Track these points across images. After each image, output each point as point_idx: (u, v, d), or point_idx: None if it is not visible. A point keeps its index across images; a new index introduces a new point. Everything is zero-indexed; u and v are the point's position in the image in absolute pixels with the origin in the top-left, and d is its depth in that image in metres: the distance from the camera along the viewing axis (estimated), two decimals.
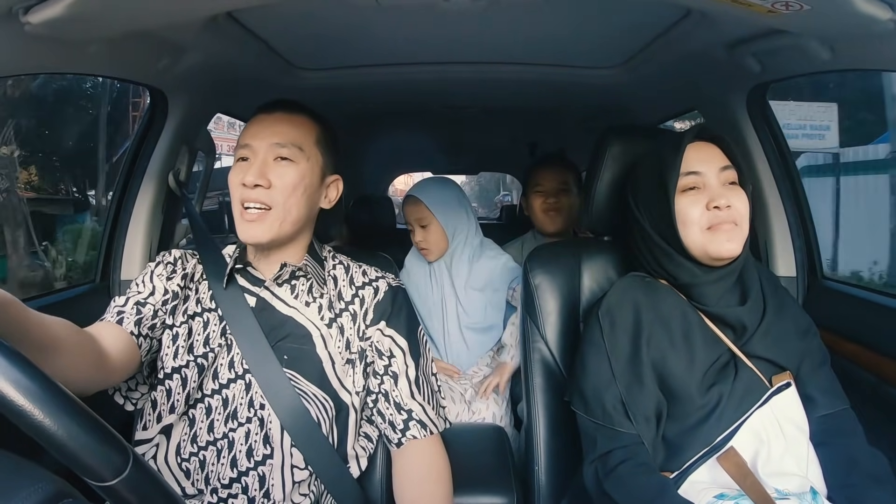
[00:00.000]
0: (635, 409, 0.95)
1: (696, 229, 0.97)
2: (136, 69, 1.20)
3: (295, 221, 1.00)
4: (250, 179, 0.95)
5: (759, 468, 0.91)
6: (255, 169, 0.96)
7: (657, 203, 1.01)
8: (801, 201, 1.45)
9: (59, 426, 0.42)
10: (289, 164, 0.98)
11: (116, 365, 0.89)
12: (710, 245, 0.97)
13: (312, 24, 1.25)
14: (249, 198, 0.96)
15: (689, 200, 0.98)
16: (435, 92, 1.92)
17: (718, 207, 0.96)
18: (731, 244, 0.96)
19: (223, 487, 0.94)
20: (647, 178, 1.04)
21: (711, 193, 0.98)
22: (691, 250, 0.99)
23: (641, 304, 1.01)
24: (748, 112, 1.42)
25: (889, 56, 0.96)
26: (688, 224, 0.98)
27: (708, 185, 0.99)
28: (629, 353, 0.98)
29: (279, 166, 0.98)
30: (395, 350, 1.03)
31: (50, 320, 0.76)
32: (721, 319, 1.00)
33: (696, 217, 0.97)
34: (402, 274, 1.84)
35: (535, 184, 2.01)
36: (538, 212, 1.99)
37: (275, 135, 0.99)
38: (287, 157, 0.98)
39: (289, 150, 0.98)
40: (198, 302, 1.02)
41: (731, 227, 0.97)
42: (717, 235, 0.96)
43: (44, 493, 0.42)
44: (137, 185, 1.43)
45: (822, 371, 1.02)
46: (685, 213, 0.98)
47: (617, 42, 1.40)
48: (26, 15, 0.81)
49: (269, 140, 0.98)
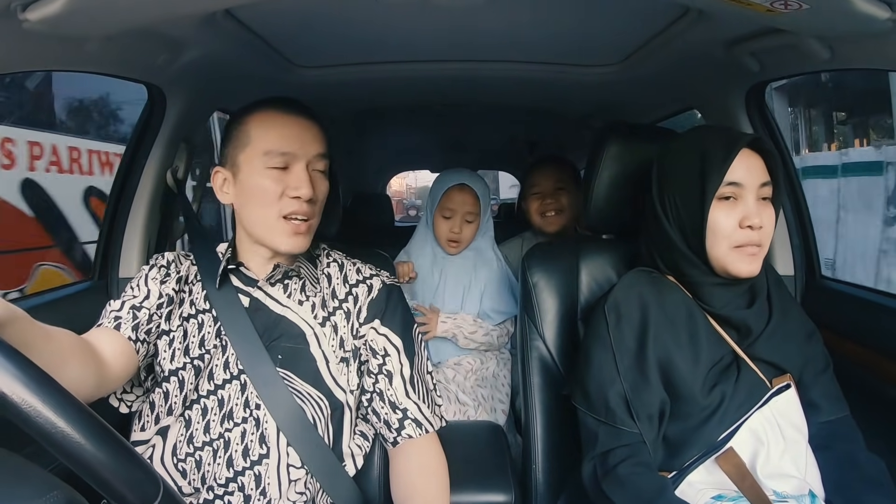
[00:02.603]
0: (639, 408, 0.94)
1: (725, 245, 0.94)
2: (134, 66, 1.20)
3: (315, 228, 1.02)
4: (306, 192, 0.95)
5: (757, 469, 0.91)
6: (308, 182, 0.96)
7: (689, 206, 0.96)
8: (799, 201, 1.45)
9: (95, 455, 0.44)
10: (322, 177, 1.00)
11: (116, 371, 0.90)
12: (732, 264, 0.94)
13: (311, 22, 1.25)
14: (299, 211, 0.96)
15: (725, 213, 0.94)
16: (432, 90, 1.91)
17: (752, 227, 0.93)
18: (751, 267, 0.95)
19: (219, 486, 0.94)
20: (683, 175, 0.98)
21: (747, 210, 0.93)
22: (711, 261, 0.96)
23: (648, 301, 0.99)
24: (746, 111, 1.42)
25: (888, 55, 0.96)
26: (718, 236, 0.94)
27: (745, 198, 0.94)
28: (635, 349, 0.97)
29: (315, 177, 0.99)
30: (389, 349, 1.03)
31: (55, 333, 0.76)
32: (726, 320, 0.99)
33: (728, 232, 0.94)
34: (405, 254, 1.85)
35: (531, 185, 2.00)
36: (535, 214, 1.97)
37: (316, 143, 0.99)
38: (323, 171, 1.00)
39: (324, 163, 1.00)
40: (192, 304, 1.02)
41: (755, 251, 0.94)
42: (741, 256, 0.94)
43: (55, 501, 0.42)
44: (135, 182, 1.43)
45: (825, 376, 1.01)
46: (717, 225, 0.94)
47: (615, 40, 1.40)
48: (24, 12, 0.81)
49: (312, 149, 0.98)
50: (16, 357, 0.45)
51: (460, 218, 1.75)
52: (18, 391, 0.43)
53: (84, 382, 0.81)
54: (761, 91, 1.41)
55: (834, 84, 8.69)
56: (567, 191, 1.95)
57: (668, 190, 1.00)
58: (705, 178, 0.93)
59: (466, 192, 1.75)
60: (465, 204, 1.74)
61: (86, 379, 0.81)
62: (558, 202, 1.94)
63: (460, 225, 1.75)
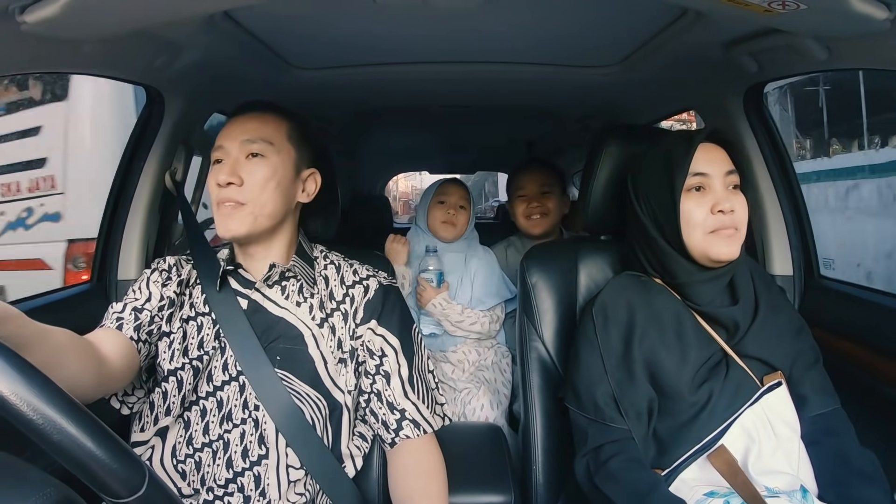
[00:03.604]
0: (626, 405, 0.97)
1: (700, 232, 0.99)
2: (133, 68, 1.20)
3: (270, 215, 1.01)
4: (223, 178, 0.97)
5: (749, 466, 0.93)
6: (227, 168, 0.99)
7: (662, 201, 1.01)
8: (797, 200, 1.45)
9: (79, 445, 0.44)
10: (260, 160, 1.00)
11: (117, 371, 0.90)
12: (711, 249, 0.98)
13: (309, 24, 1.25)
14: (224, 197, 0.98)
15: (695, 202, 0.99)
16: (432, 91, 1.92)
17: (723, 212, 0.98)
18: (730, 248, 0.98)
19: (219, 487, 0.94)
20: (653, 174, 1.04)
21: (716, 197, 0.99)
22: (691, 251, 1.00)
23: (635, 302, 1.02)
24: (745, 111, 1.42)
25: (885, 55, 0.96)
26: (691, 225, 0.99)
27: (713, 187, 1.00)
28: (621, 349, 1.00)
29: (250, 163, 1.00)
30: (386, 349, 1.03)
31: (52, 331, 0.76)
32: (714, 319, 1.01)
33: (701, 219, 0.99)
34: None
35: (516, 188, 2.02)
36: (521, 217, 1.99)
37: (244, 132, 1.01)
38: (258, 153, 1.00)
39: (258, 145, 1.00)
40: (191, 306, 1.02)
41: (732, 233, 0.98)
42: (718, 240, 0.98)
43: (50, 499, 0.42)
44: (134, 184, 1.43)
45: (815, 370, 1.03)
46: (690, 215, 0.99)
47: (613, 41, 1.40)
48: (22, 14, 0.81)
49: (238, 138, 1.00)
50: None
51: (454, 203, 1.89)
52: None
53: (83, 381, 0.81)
54: (759, 91, 1.41)
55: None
56: (553, 194, 1.98)
57: (643, 191, 1.06)
58: (673, 172, 1.00)
59: (458, 185, 1.95)
60: (457, 192, 1.91)
61: (85, 377, 0.82)
62: (544, 205, 1.96)
63: (455, 209, 1.89)
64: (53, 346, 0.74)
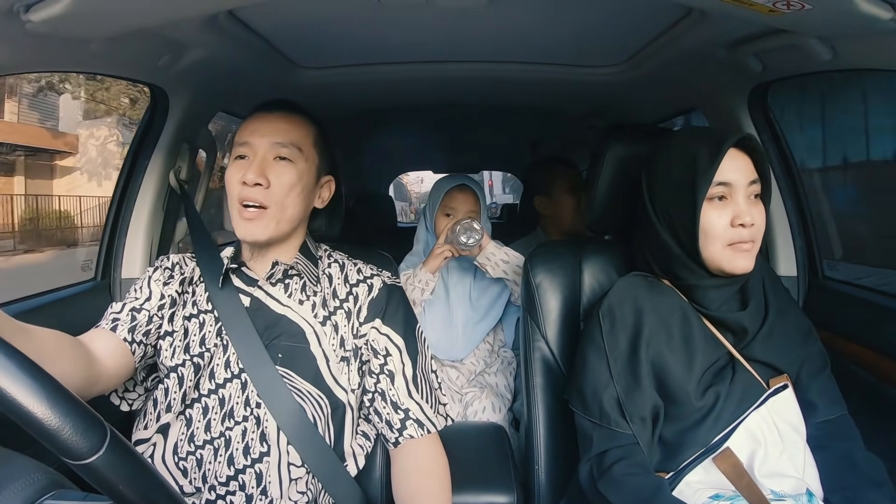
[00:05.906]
0: (632, 410, 0.95)
1: (718, 244, 0.95)
2: (137, 67, 1.20)
3: (291, 220, 1.01)
4: (251, 178, 0.96)
5: (755, 469, 0.92)
6: (256, 167, 0.97)
7: (681, 209, 0.96)
8: (802, 201, 1.44)
9: (33, 403, 0.41)
10: (288, 165, 1.00)
11: (109, 371, 0.91)
12: (727, 262, 0.95)
13: (314, 23, 1.25)
14: (248, 196, 0.97)
15: (717, 213, 0.95)
16: (436, 90, 1.92)
17: (744, 225, 0.93)
18: (746, 262, 0.95)
19: (220, 485, 0.95)
20: (672, 179, 0.98)
21: (738, 209, 0.94)
22: (705, 260, 0.97)
23: (642, 305, 1.00)
24: (749, 112, 1.42)
25: (890, 56, 0.95)
26: (710, 237, 0.95)
27: (735, 197, 0.95)
28: (628, 353, 0.98)
29: (278, 166, 0.99)
30: (390, 348, 1.03)
31: (39, 332, 0.78)
32: (722, 322, 0.99)
33: (721, 231, 0.94)
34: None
35: (563, 180, 1.99)
36: (571, 212, 1.95)
37: (276, 133, 1.00)
38: (286, 157, 1.00)
39: (289, 150, 1.00)
40: (194, 304, 1.03)
41: (749, 246, 0.95)
42: (735, 254, 0.95)
43: (38, 483, 0.42)
44: (138, 183, 1.43)
45: (823, 376, 1.02)
46: (710, 226, 0.95)
47: (617, 41, 1.40)
48: (27, 13, 0.81)
49: (270, 139, 0.99)
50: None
51: (462, 216, 1.73)
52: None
53: (70, 379, 0.81)
54: (764, 91, 1.41)
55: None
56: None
57: (659, 194, 1.00)
58: (695, 180, 0.94)
59: (467, 192, 1.76)
60: (466, 202, 1.75)
61: (73, 375, 0.82)
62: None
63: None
64: (38, 348, 0.75)
